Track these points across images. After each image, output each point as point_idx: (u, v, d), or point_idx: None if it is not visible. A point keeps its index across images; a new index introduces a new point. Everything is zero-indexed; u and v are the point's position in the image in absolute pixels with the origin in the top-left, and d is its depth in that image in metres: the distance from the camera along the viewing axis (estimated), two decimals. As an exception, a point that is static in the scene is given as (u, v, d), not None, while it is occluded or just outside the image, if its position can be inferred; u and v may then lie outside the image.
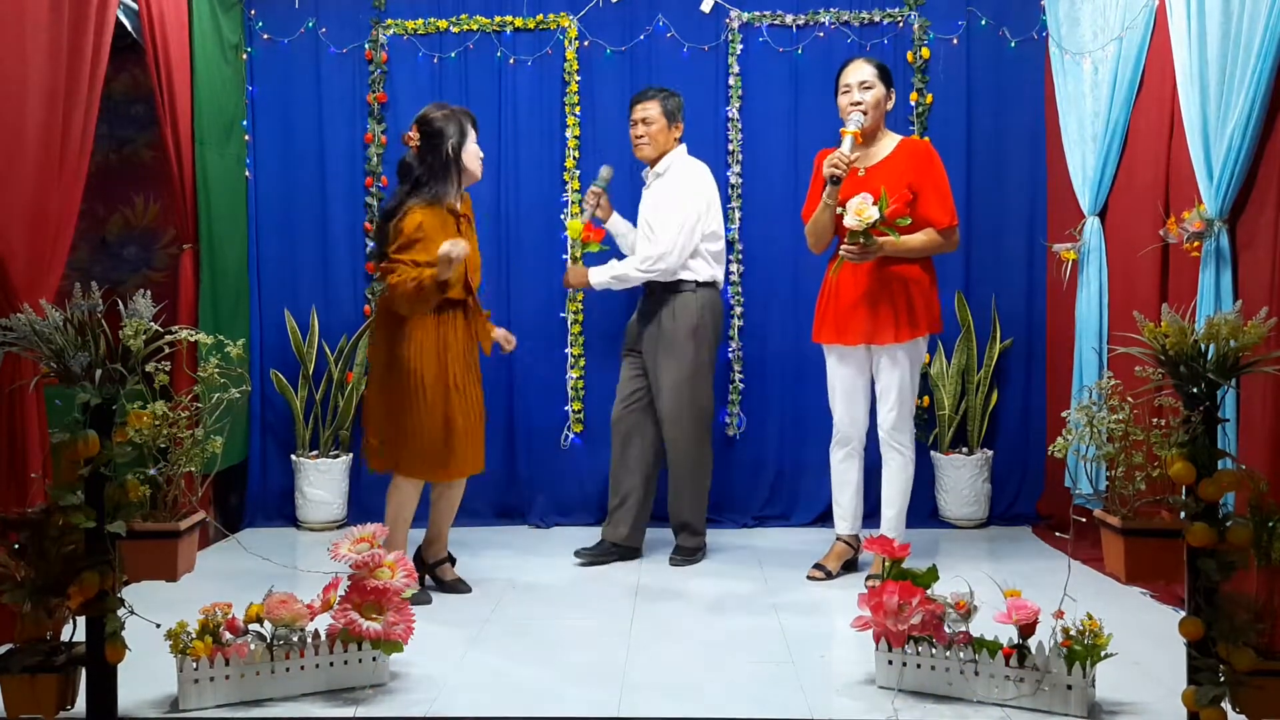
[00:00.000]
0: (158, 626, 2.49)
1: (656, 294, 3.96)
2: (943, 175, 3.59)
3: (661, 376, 3.93)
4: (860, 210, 3.34)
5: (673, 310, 3.92)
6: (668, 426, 3.96)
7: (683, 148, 4.03)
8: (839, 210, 3.40)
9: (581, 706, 2.55)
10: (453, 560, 3.70)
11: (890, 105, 3.66)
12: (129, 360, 2.41)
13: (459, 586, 3.61)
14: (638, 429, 4.04)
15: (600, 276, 3.97)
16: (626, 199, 4.35)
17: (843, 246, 3.45)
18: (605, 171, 4.05)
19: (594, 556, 3.99)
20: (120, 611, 2.39)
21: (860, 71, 3.59)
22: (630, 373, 4.06)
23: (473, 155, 3.54)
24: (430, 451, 3.41)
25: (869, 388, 3.70)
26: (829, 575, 3.72)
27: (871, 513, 3.86)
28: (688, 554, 3.99)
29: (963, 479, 4.51)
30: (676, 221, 3.87)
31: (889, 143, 3.64)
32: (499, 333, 3.75)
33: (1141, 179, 3.71)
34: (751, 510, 4.65)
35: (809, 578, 3.72)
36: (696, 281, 3.94)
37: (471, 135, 3.55)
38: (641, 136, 3.94)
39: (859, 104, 3.55)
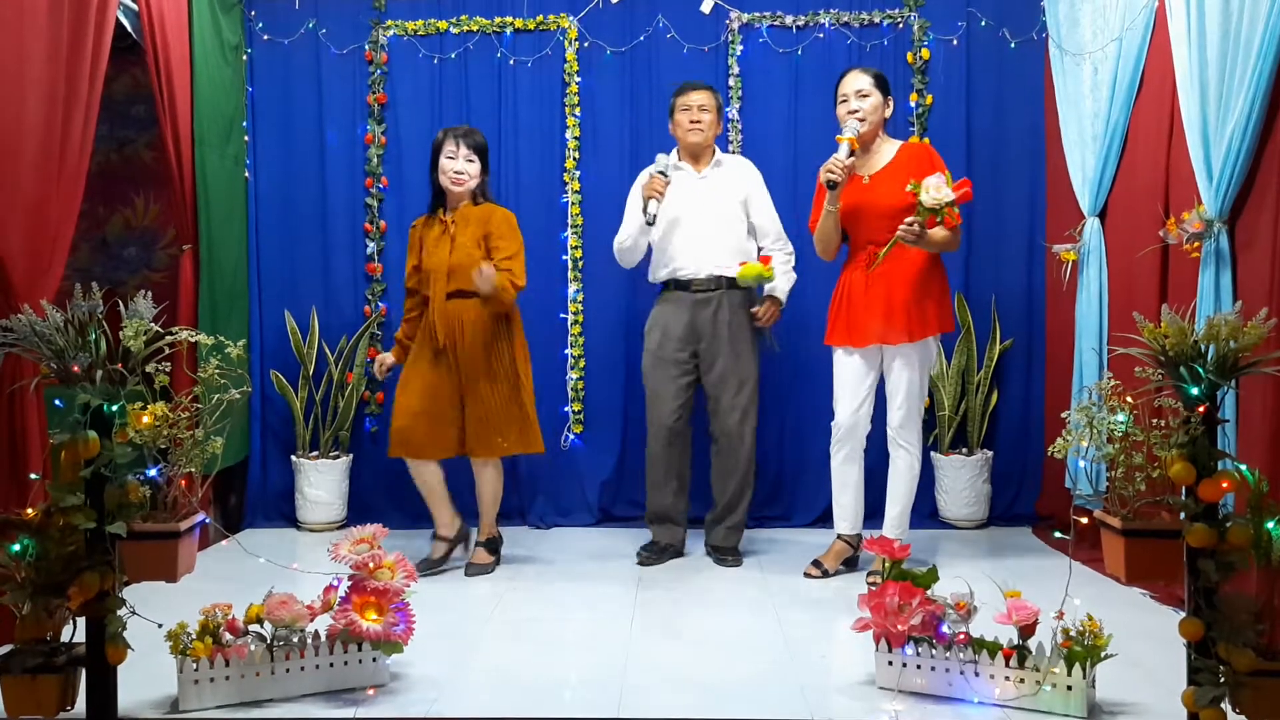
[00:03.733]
0: (159, 626, 2.49)
1: (719, 291, 3.92)
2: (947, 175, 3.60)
3: (736, 374, 3.93)
4: (939, 188, 3.37)
5: (742, 306, 3.96)
6: (737, 424, 3.95)
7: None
8: (910, 189, 3.42)
9: (581, 706, 2.55)
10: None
11: (889, 113, 3.69)
12: (129, 361, 2.41)
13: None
14: (684, 436, 4.05)
15: (786, 287, 4.01)
16: (617, 193, 4.34)
17: (902, 226, 3.44)
18: (664, 158, 3.93)
19: (657, 556, 4.01)
20: (121, 612, 2.39)
21: (857, 81, 3.64)
22: (683, 380, 3.98)
23: (441, 171, 3.81)
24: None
25: (874, 388, 3.72)
26: (825, 573, 3.74)
27: (873, 512, 3.86)
28: (737, 551, 4.05)
29: (962, 479, 4.52)
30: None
31: (890, 149, 3.69)
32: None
33: (1141, 180, 3.71)
34: (752, 510, 4.61)
35: (805, 575, 3.75)
36: None
37: (444, 151, 3.79)
38: (698, 122, 3.92)
39: (855, 112, 3.59)
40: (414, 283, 3.90)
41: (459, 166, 3.77)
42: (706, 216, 3.91)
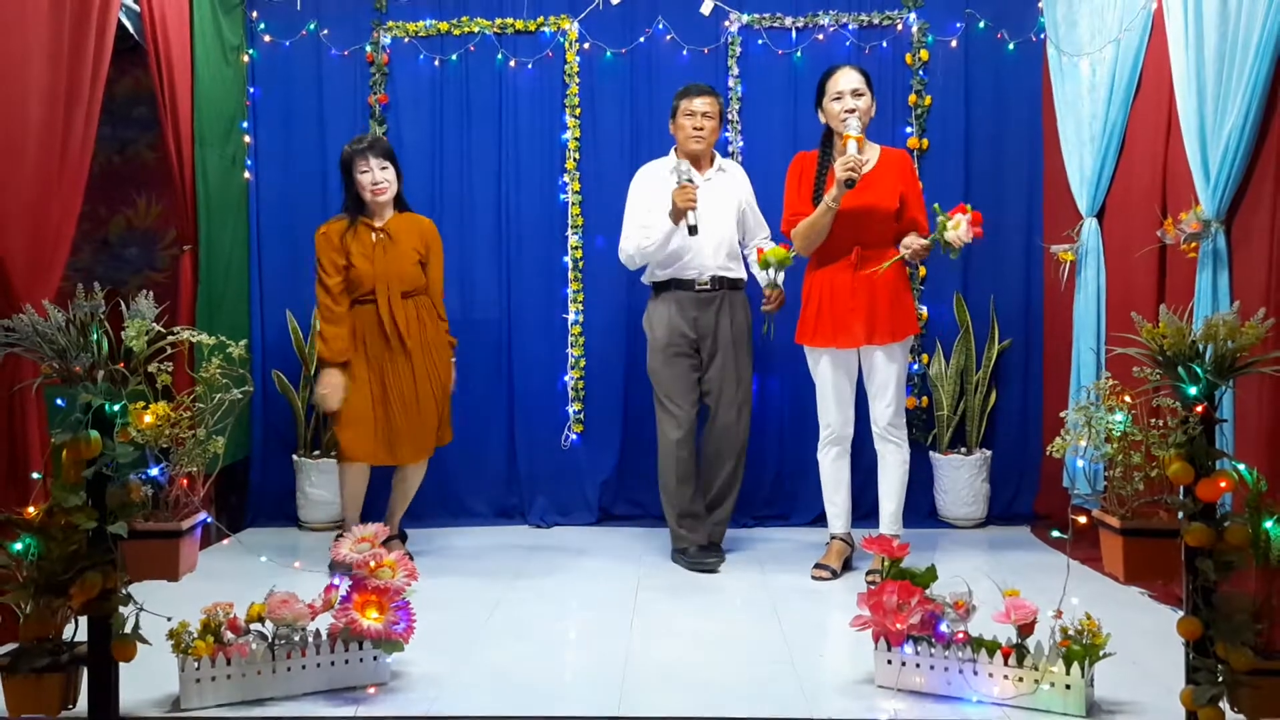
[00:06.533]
0: (169, 620, 2.50)
1: (720, 291, 3.98)
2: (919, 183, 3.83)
3: (735, 372, 3.98)
4: (964, 230, 3.46)
5: (741, 306, 4.03)
6: (733, 424, 3.98)
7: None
8: (940, 219, 3.49)
9: (581, 706, 2.56)
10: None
11: (873, 113, 3.71)
12: (131, 361, 2.42)
13: None
14: (694, 429, 4.05)
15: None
16: (617, 193, 4.34)
17: (906, 249, 3.59)
18: (677, 163, 3.87)
19: (717, 555, 3.94)
20: (129, 609, 2.40)
21: (851, 79, 3.66)
22: (695, 375, 4.00)
23: (360, 187, 3.86)
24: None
25: (855, 388, 3.77)
26: (835, 574, 3.73)
27: (868, 512, 3.87)
28: (719, 548, 4.02)
29: (961, 479, 4.52)
30: None
31: (872, 151, 3.73)
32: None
33: (1139, 180, 3.72)
34: (751, 510, 4.65)
35: (814, 578, 3.72)
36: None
37: (357, 167, 3.84)
38: (700, 129, 3.92)
39: (853, 110, 3.60)
40: (342, 288, 3.83)
41: (377, 177, 3.83)
42: (710, 221, 3.90)
